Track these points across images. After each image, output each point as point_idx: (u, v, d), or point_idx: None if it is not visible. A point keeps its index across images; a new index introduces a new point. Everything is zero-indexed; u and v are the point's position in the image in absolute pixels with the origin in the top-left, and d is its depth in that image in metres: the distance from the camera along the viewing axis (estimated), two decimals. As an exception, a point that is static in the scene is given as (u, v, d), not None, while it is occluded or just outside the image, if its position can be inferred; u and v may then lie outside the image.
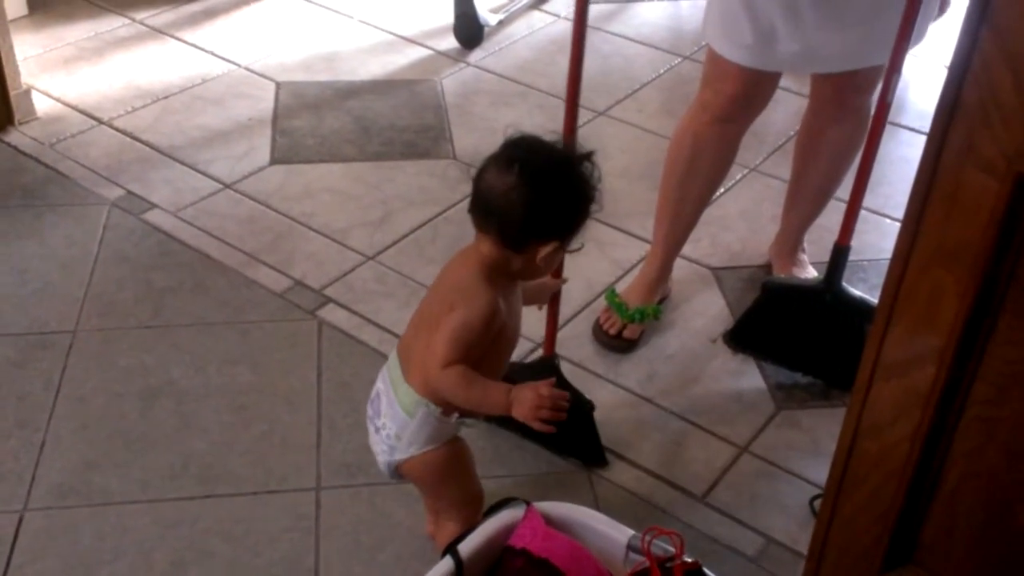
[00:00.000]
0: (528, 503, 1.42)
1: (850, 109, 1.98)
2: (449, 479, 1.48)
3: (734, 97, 1.87)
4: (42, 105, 2.73)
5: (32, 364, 1.97)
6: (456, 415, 1.42)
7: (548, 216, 1.33)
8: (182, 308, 2.11)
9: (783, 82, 1.94)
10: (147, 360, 1.99)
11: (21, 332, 2.04)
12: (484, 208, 1.34)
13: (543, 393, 1.32)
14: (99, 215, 2.36)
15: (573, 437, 1.80)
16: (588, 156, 1.38)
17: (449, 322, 1.35)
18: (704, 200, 2.06)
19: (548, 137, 1.39)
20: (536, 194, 1.31)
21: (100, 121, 2.70)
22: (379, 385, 1.48)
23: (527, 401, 1.32)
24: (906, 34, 1.64)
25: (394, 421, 1.43)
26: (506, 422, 1.84)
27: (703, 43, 1.91)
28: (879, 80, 1.95)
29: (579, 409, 1.78)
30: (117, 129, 2.67)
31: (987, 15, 0.87)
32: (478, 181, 1.35)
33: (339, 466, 1.79)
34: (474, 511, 1.53)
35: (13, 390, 1.91)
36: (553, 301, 1.73)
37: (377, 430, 1.47)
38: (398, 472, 1.48)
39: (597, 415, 1.80)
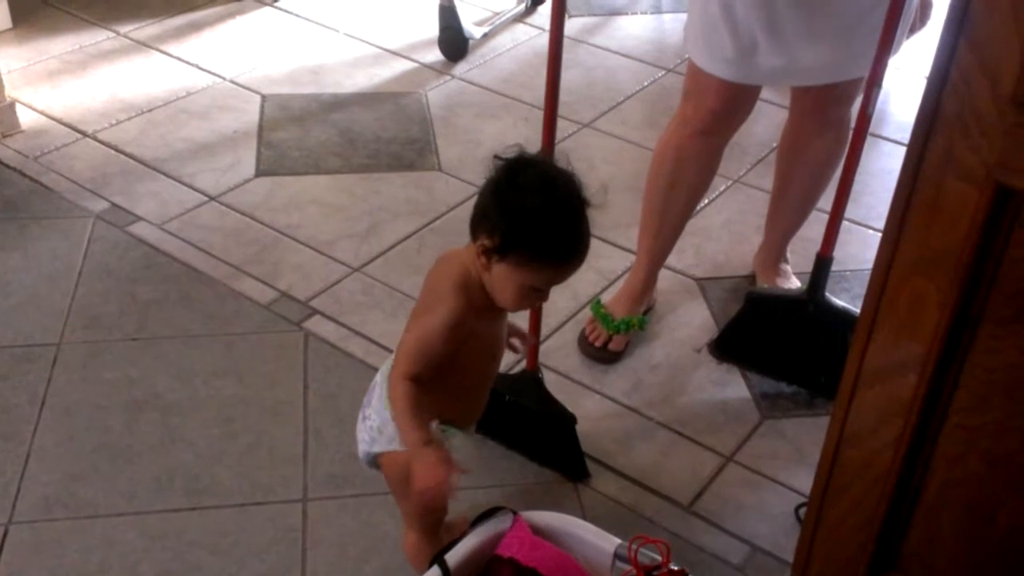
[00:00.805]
0: (515, 512, 1.42)
1: (831, 121, 2.00)
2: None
3: (716, 110, 1.88)
4: (26, 118, 2.72)
5: (17, 377, 1.96)
6: (436, 421, 1.42)
7: (497, 202, 1.28)
8: (167, 320, 2.11)
9: (764, 94, 1.96)
10: (132, 373, 1.98)
11: (5, 345, 2.03)
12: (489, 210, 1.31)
13: (438, 477, 1.26)
14: (84, 228, 2.35)
15: (556, 450, 1.80)
16: (583, 201, 1.33)
17: (413, 330, 1.35)
18: (687, 212, 2.08)
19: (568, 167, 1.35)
20: (503, 182, 1.28)
21: (84, 134, 2.69)
22: (377, 378, 1.48)
23: (423, 471, 1.27)
24: (886, 46, 1.65)
25: (379, 415, 1.44)
26: (491, 431, 1.84)
27: (686, 56, 1.93)
28: (858, 92, 1.97)
29: (562, 422, 1.78)
30: (101, 142, 2.67)
31: (964, 27, 0.89)
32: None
33: (326, 477, 1.79)
34: (437, 521, 1.53)
35: (-3, 403, 1.90)
36: (534, 316, 1.74)
37: (364, 419, 1.48)
38: (376, 463, 1.49)
39: (583, 426, 1.81)
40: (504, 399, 1.78)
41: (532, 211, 1.28)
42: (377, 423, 1.45)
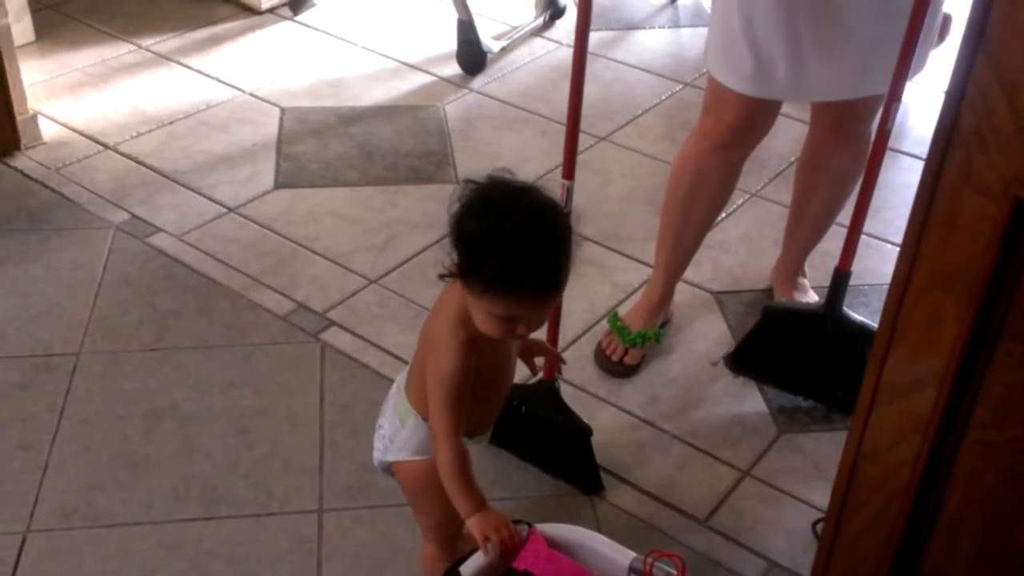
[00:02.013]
0: (530, 525, 1.42)
1: (850, 137, 2.00)
2: (430, 493, 1.47)
3: (735, 125, 1.88)
4: (48, 130, 2.75)
5: (36, 386, 1.97)
6: None
7: (458, 225, 1.24)
8: (186, 331, 2.12)
9: (784, 108, 1.96)
10: (151, 383, 2.00)
11: (25, 355, 2.04)
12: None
13: (504, 536, 1.27)
14: (104, 239, 2.37)
15: (571, 462, 1.80)
16: (563, 215, 1.27)
17: (431, 380, 1.31)
18: (706, 226, 2.07)
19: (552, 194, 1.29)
20: (469, 203, 1.24)
21: (106, 146, 2.72)
22: (393, 388, 1.49)
23: (491, 528, 1.27)
24: (906, 63, 1.65)
25: (390, 424, 1.45)
26: (506, 443, 1.84)
27: (704, 70, 1.93)
28: (879, 108, 1.96)
29: (577, 434, 1.78)
30: (122, 154, 2.69)
31: (983, 43, 0.89)
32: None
33: (341, 488, 1.80)
34: (454, 533, 1.53)
35: (17, 412, 1.92)
36: (551, 329, 1.73)
37: (379, 427, 1.48)
38: (390, 471, 1.50)
39: (599, 438, 1.80)
40: (521, 410, 1.78)
41: (480, 238, 1.21)
42: (388, 432, 1.45)
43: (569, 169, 1.64)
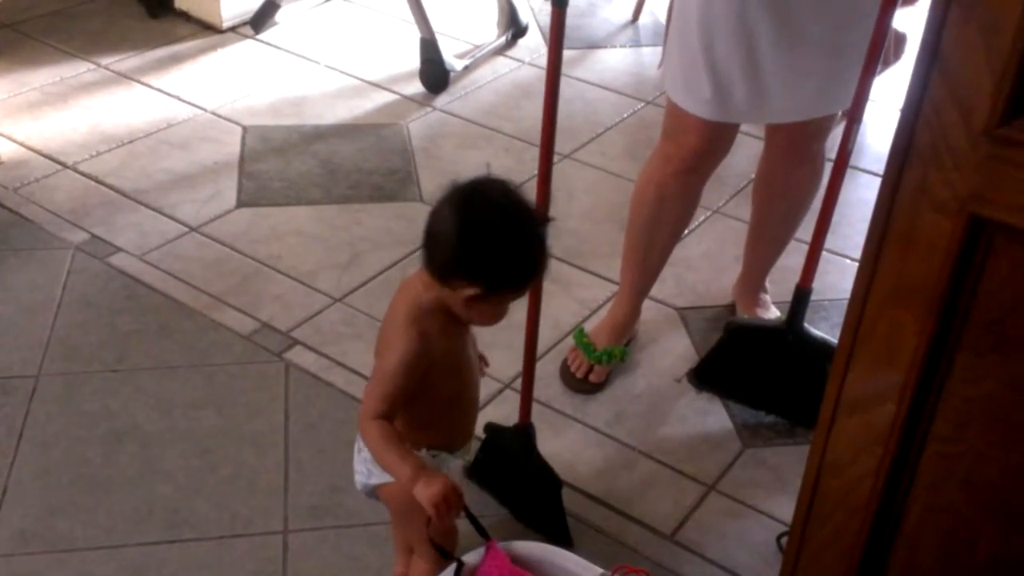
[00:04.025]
0: (489, 539, 1.41)
1: (804, 156, 2.02)
2: (421, 512, 1.47)
3: (696, 149, 1.90)
4: (6, 149, 2.72)
5: (-6, 409, 1.95)
6: (424, 448, 1.42)
7: (475, 255, 1.30)
8: (147, 352, 2.10)
9: (743, 127, 1.98)
10: (111, 404, 1.97)
11: (-17, 377, 2.01)
12: (426, 232, 1.35)
13: (453, 496, 1.28)
14: (63, 259, 2.35)
15: (541, 512, 1.76)
16: (544, 219, 1.36)
17: (376, 371, 1.36)
18: (669, 247, 2.09)
19: (521, 189, 1.36)
20: (470, 229, 1.30)
21: (65, 165, 2.69)
22: None
23: (437, 490, 1.27)
24: (866, 85, 1.68)
25: None
26: (481, 478, 1.82)
27: (664, 90, 1.95)
28: (831, 127, 2.00)
29: (549, 485, 1.75)
30: (82, 173, 2.66)
31: (937, 61, 0.90)
32: (434, 206, 1.37)
33: (306, 509, 1.78)
34: (448, 548, 1.52)
35: (-26, 436, 1.89)
36: (527, 366, 1.71)
37: (359, 451, 1.47)
38: (375, 494, 1.48)
39: (565, 456, 1.81)
40: (497, 448, 1.78)
41: (508, 257, 1.31)
42: (371, 455, 1.43)
43: (544, 178, 1.64)
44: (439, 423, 1.45)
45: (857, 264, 1.04)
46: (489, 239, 1.30)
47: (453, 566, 1.39)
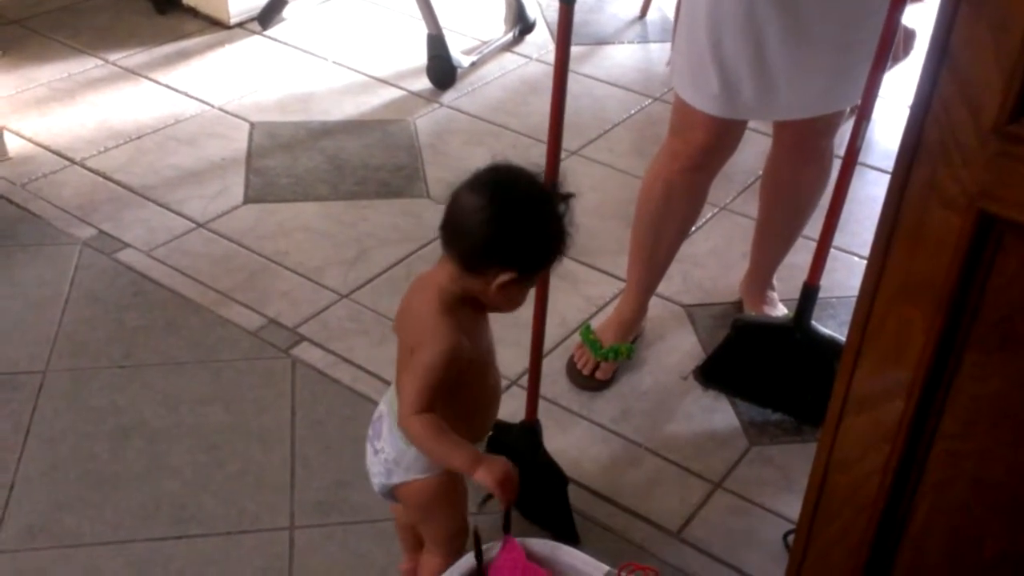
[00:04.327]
0: (507, 532, 1.41)
1: (812, 153, 2.02)
2: (440, 509, 1.47)
3: (703, 146, 1.89)
4: (14, 145, 2.72)
5: (1, 405, 1.95)
6: None
7: (510, 241, 1.31)
8: (154, 348, 2.10)
9: (750, 123, 1.98)
10: (119, 400, 1.98)
11: (-9, 372, 2.02)
12: (452, 225, 1.35)
13: (515, 476, 1.33)
14: (71, 255, 2.35)
15: (548, 509, 1.76)
16: (565, 197, 1.38)
17: (414, 367, 1.34)
18: (676, 244, 2.09)
19: (531, 169, 1.39)
20: (503, 216, 1.31)
21: (72, 161, 2.69)
22: (382, 407, 1.47)
23: (502, 472, 1.31)
24: (875, 82, 1.67)
25: (392, 446, 1.42)
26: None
27: (672, 86, 1.94)
28: (839, 123, 1.99)
29: (555, 482, 1.75)
30: (90, 169, 2.67)
31: (946, 58, 0.90)
32: (452, 198, 1.37)
33: (313, 505, 1.79)
34: (459, 545, 1.52)
35: (-18, 431, 1.89)
36: (533, 364, 1.71)
37: (376, 452, 1.46)
38: (392, 494, 1.48)
39: (573, 452, 1.80)
40: (503, 446, 1.77)
41: (541, 239, 1.34)
42: (392, 455, 1.43)
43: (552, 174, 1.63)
44: (472, 417, 1.44)
45: (865, 261, 1.03)
46: (522, 223, 1.31)
47: (465, 560, 1.39)
